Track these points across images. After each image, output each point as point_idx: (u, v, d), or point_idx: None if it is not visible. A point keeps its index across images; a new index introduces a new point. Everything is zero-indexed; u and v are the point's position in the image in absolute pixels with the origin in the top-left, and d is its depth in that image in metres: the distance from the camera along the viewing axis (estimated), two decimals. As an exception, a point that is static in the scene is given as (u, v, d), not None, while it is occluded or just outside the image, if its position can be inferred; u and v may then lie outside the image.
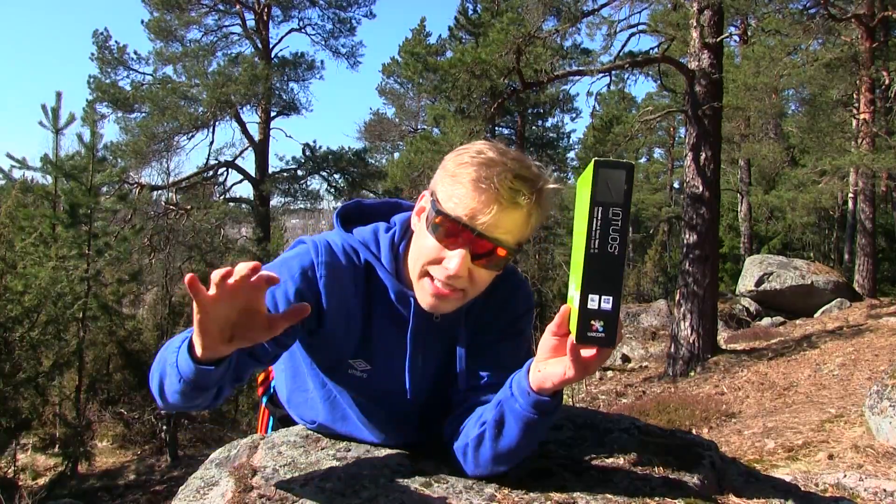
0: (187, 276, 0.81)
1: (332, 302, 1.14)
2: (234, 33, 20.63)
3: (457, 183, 1.03)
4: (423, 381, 1.23)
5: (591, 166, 0.84)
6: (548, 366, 0.99)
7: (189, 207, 18.32)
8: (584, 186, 0.89)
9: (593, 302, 0.83)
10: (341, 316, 1.16)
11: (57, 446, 7.46)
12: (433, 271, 1.07)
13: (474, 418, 1.14)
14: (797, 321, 11.78)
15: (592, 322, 0.84)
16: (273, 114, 20.84)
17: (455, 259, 1.04)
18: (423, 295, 1.10)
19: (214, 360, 0.93)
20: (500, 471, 1.14)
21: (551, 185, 1.06)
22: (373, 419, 1.27)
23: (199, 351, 0.90)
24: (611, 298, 0.83)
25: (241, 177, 20.78)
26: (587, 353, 0.91)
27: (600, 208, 0.82)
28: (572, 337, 0.87)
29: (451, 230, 1.03)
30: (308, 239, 1.18)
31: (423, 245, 1.08)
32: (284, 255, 1.17)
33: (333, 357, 1.21)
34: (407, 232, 1.19)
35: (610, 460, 1.28)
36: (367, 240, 1.19)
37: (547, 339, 0.99)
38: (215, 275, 0.83)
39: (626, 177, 0.81)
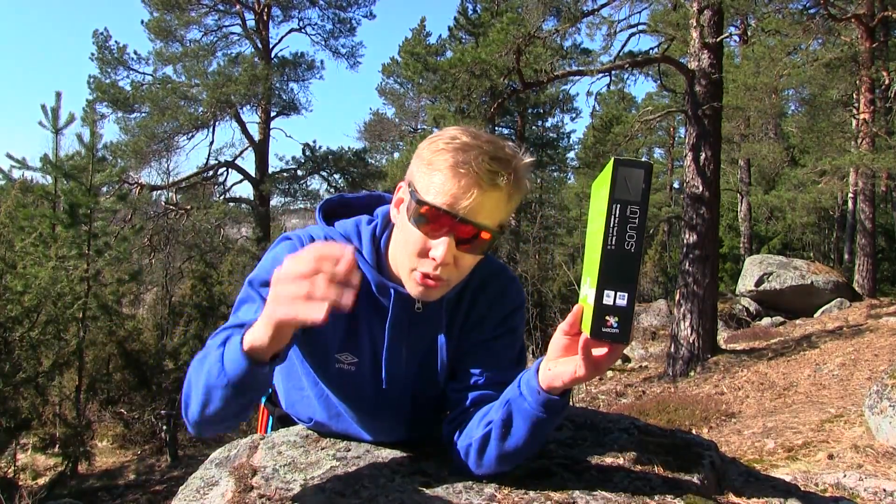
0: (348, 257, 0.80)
1: None
2: (234, 33, 20.65)
3: (434, 171, 1.03)
4: (407, 373, 1.23)
5: (609, 165, 0.85)
6: (558, 364, 0.99)
7: (189, 207, 18.33)
8: (601, 186, 0.90)
9: (608, 298, 0.84)
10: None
11: (57, 446, 7.45)
12: (420, 262, 1.07)
13: (478, 418, 1.14)
14: (797, 321, 11.78)
15: (607, 318, 0.84)
16: (273, 114, 20.84)
17: (441, 247, 1.03)
18: (413, 286, 1.10)
19: (266, 360, 0.93)
20: (504, 470, 1.14)
21: (526, 161, 1.06)
22: (363, 415, 1.27)
23: (258, 350, 0.91)
24: (626, 294, 0.84)
25: (241, 177, 20.78)
26: (598, 351, 0.92)
27: (619, 206, 0.83)
28: (586, 333, 0.88)
29: (433, 218, 1.03)
30: (292, 234, 1.18)
31: (407, 237, 1.07)
32: (271, 250, 1.17)
33: (320, 351, 1.21)
34: (388, 224, 1.19)
35: (610, 460, 1.27)
36: (348, 232, 1.19)
37: (558, 339, 0.99)
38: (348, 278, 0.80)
39: (644, 175, 0.83)
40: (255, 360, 0.92)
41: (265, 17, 20.26)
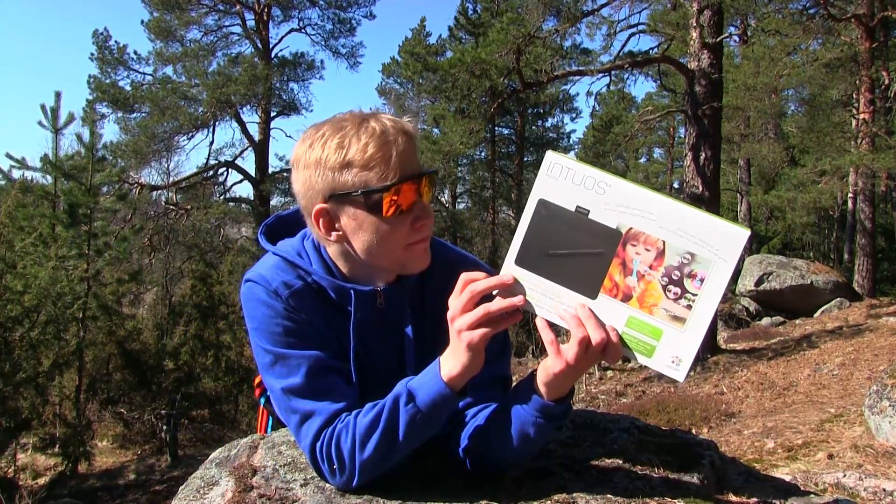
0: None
1: (304, 314, 1.14)
2: (234, 33, 20.67)
3: (363, 164, 1.04)
4: (385, 370, 1.21)
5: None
6: (547, 361, 0.99)
7: (189, 207, 18.34)
8: None
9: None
10: (317, 322, 1.16)
11: (57, 446, 7.45)
12: (412, 236, 1.09)
13: (475, 420, 1.14)
14: (797, 321, 11.78)
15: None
16: (273, 114, 20.85)
17: (427, 214, 1.09)
18: (415, 259, 1.12)
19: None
20: (503, 470, 1.15)
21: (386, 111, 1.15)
22: None
23: (460, 378, 1.01)
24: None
25: (241, 177, 20.81)
26: (547, 336, 0.98)
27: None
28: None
29: (408, 193, 1.06)
30: (252, 275, 1.17)
31: (384, 231, 1.08)
32: (247, 303, 1.16)
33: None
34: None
35: (610, 460, 1.27)
36: (297, 249, 1.20)
37: (544, 332, 1.00)
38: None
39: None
40: (455, 391, 1.03)
41: (265, 17, 20.27)
